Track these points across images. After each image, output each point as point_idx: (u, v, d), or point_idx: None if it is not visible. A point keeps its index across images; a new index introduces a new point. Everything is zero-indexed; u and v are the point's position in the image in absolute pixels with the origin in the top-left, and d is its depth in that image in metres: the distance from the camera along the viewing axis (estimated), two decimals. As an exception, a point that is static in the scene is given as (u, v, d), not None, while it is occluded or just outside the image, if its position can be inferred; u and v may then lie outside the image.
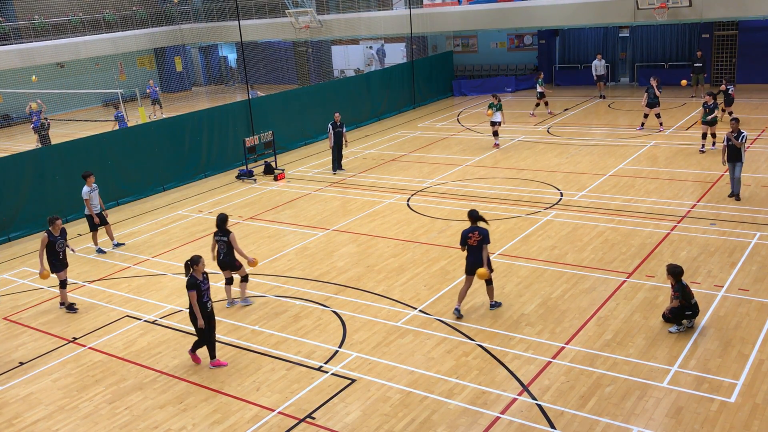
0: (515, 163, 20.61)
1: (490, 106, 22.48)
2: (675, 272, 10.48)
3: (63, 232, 13.04)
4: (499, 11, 30.83)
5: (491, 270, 11.34)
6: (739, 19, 27.76)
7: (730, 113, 22.40)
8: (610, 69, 33.08)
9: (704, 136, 20.19)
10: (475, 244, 11.14)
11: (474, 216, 11.22)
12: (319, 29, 35.79)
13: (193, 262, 10.20)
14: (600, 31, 33.12)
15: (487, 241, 11.13)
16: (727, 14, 26.72)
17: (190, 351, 10.71)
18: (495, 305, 11.69)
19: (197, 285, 10.16)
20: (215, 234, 12.23)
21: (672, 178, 17.94)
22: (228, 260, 12.25)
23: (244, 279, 12.57)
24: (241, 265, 12.42)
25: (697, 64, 27.75)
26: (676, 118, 24.89)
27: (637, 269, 12.77)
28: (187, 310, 10.87)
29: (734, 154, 15.58)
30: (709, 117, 19.54)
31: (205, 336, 10.43)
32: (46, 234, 12.84)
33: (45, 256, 12.84)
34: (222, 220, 12.17)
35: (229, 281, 12.55)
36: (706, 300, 11.37)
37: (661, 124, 23.08)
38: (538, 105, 27.39)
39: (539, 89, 26.99)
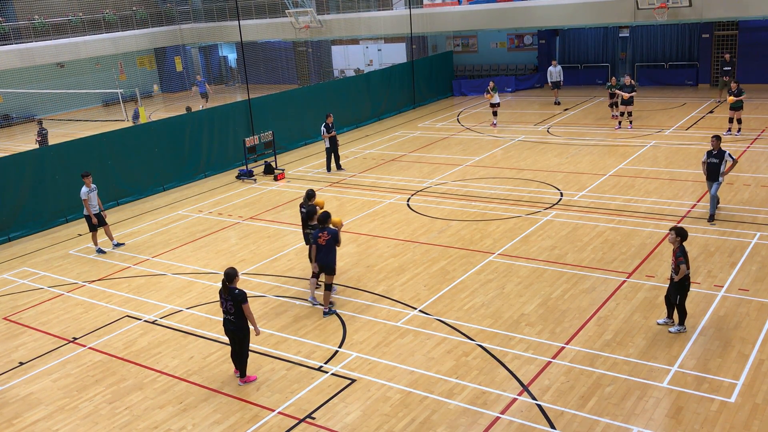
0: (515, 163, 20.61)
1: (489, 91, 25.63)
2: (683, 234, 10.23)
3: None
4: (499, 11, 30.84)
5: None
6: (739, 19, 27.77)
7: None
8: (610, 69, 33.09)
9: (731, 120, 21.45)
10: (324, 244, 11.50)
11: (322, 218, 11.54)
12: (319, 29, 35.79)
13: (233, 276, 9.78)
14: (600, 31, 33.13)
15: (337, 241, 11.59)
16: (727, 14, 26.72)
17: (239, 378, 10.18)
18: (327, 313, 11.83)
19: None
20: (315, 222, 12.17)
21: (672, 178, 17.94)
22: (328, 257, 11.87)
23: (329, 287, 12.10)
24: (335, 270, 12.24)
25: (726, 68, 26.72)
26: (676, 118, 24.91)
27: (637, 269, 12.77)
28: (187, 310, 10.73)
29: (713, 172, 14.53)
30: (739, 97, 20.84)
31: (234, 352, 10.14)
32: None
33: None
34: (324, 217, 11.82)
35: (316, 276, 12.39)
36: (706, 300, 11.37)
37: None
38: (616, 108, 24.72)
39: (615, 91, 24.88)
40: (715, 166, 14.45)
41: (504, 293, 12.26)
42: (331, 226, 11.68)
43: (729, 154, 14.45)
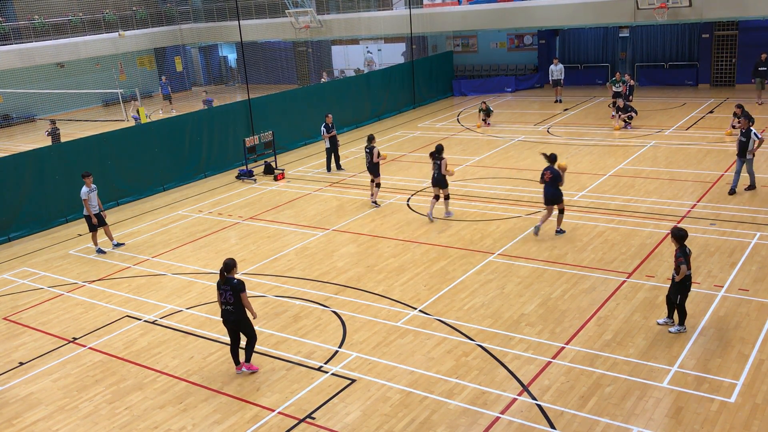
0: (515, 163, 20.61)
1: (481, 110, 26.48)
2: (680, 235, 10.22)
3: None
4: (499, 11, 30.84)
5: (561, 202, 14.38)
6: (739, 19, 27.77)
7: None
8: (610, 69, 33.09)
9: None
10: (548, 180, 14.21)
11: (548, 158, 14.33)
12: (319, 29, 35.79)
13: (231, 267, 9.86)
14: (600, 31, 33.14)
15: (559, 180, 14.11)
16: (727, 14, 26.73)
17: (244, 362, 10.26)
18: (559, 232, 14.63)
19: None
20: (432, 155, 15.73)
21: (672, 178, 17.94)
22: (439, 178, 15.63)
23: (447, 197, 16.16)
24: (447, 184, 15.91)
25: (761, 68, 25.92)
26: (676, 118, 24.91)
27: (637, 269, 12.77)
28: (187, 310, 10.74)
29: (741, 150, 16.14)
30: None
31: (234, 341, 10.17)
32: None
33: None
34: (439, 149, 15.71)
35: (436, 198, 16.02)
36: (706, 300, 11.37)
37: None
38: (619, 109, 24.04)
39: (616, 89, 25.50)
40: (743, 144, 16.08)
41: (504, 293, 12.26)
42: (556, 166, 14.26)
43: (755, 133, 15.91)
